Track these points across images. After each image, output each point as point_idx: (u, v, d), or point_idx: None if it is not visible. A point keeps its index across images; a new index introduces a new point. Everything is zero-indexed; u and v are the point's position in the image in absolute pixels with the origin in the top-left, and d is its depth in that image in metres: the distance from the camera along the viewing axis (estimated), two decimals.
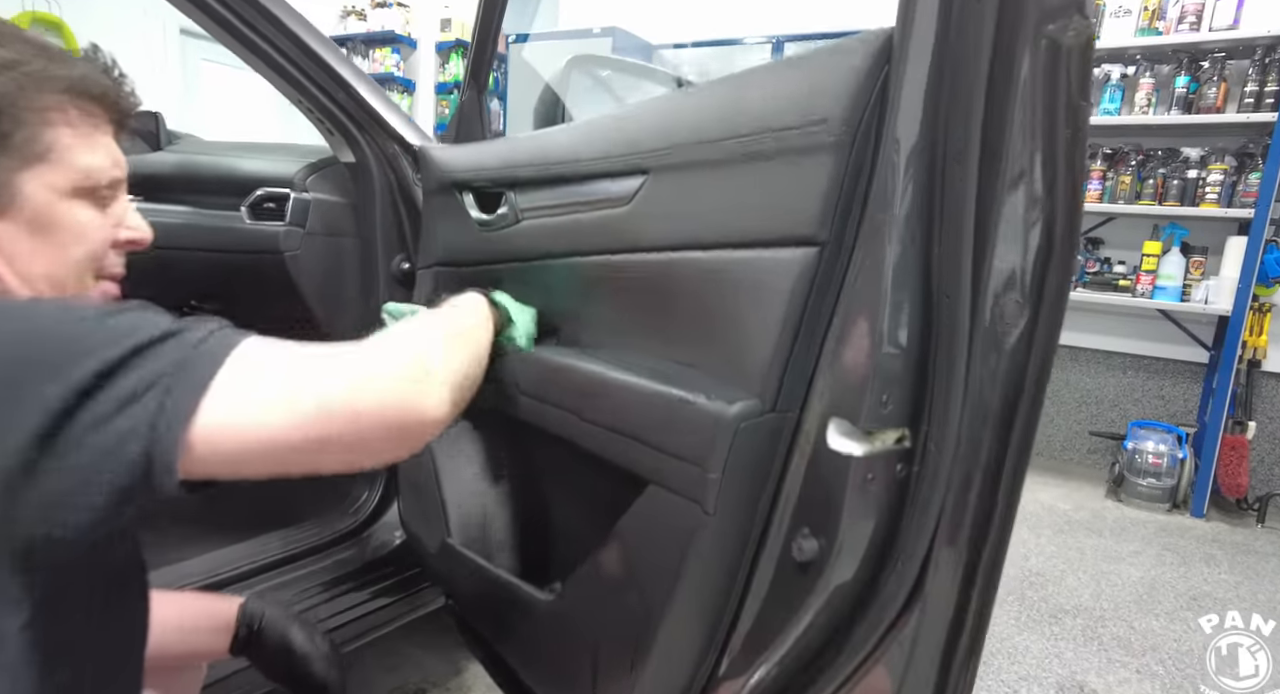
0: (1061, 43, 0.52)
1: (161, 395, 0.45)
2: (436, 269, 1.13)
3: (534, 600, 0.88)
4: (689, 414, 0.65)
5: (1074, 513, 3.18)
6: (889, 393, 0.59)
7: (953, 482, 0.56)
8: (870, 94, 0.58)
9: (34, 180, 0.57)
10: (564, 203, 0.88)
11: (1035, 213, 0.55)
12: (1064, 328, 2.46)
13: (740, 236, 0.68)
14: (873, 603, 0.61)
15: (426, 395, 0.54)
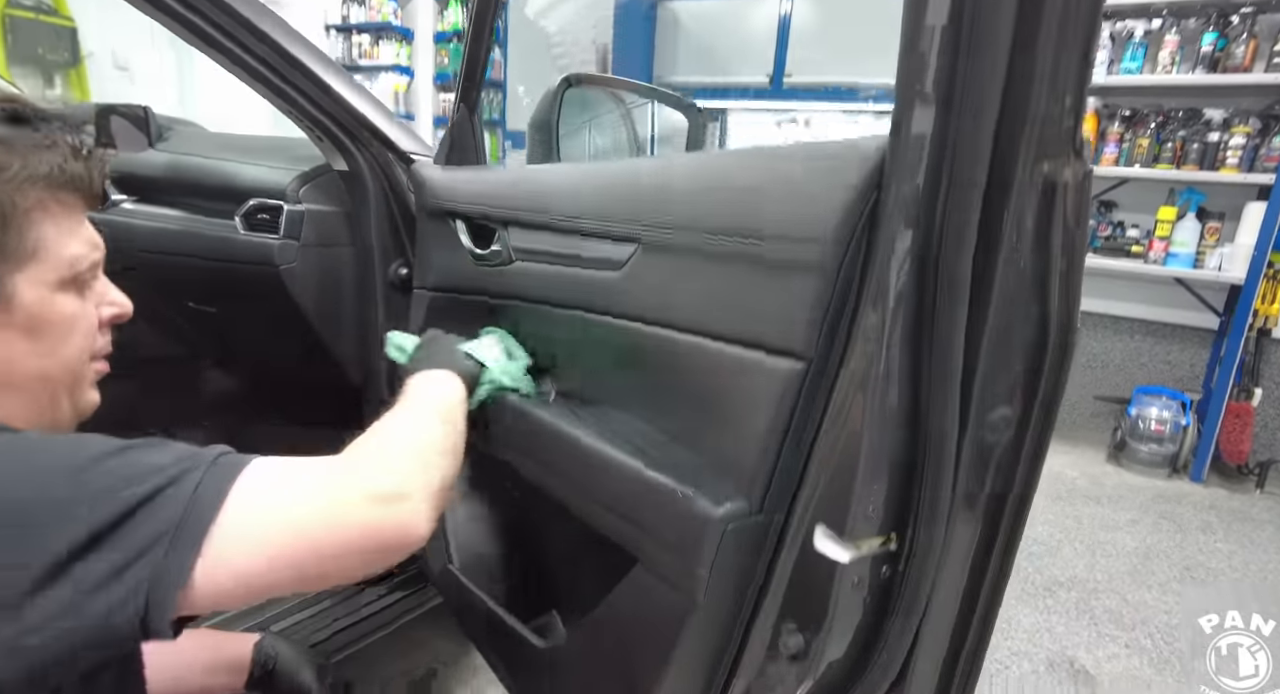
0: (1058, 180, 0.51)
1: (158, 561, 0.46)
2: (432, 295, 1.12)
3: (531, 646, 0.91)
4: (679, 508, 0.65)
5: (1074, 479, 3.22)
6: (875, 502, 0.59)
7: (938, 581, 0.57)
8: (860, 216, 0.57)
9: (25, 280, 0.58)
10: (559, 253, 0.86)
11: (1027, 339, 0.54)
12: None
13: (731, 333, 0.67)
14: (857, 688, 0.63)
15: (405, 518, 0.57)
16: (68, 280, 0.61)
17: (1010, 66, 0.47)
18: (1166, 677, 1.90)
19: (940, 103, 0.49)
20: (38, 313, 0.59)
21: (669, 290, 0.73)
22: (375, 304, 1.37)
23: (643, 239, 0.75)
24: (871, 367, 0.56)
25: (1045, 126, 0.49)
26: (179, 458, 0.51)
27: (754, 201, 0.64)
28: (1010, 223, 0.51)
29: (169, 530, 0.47)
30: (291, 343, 1.46)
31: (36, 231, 0.58)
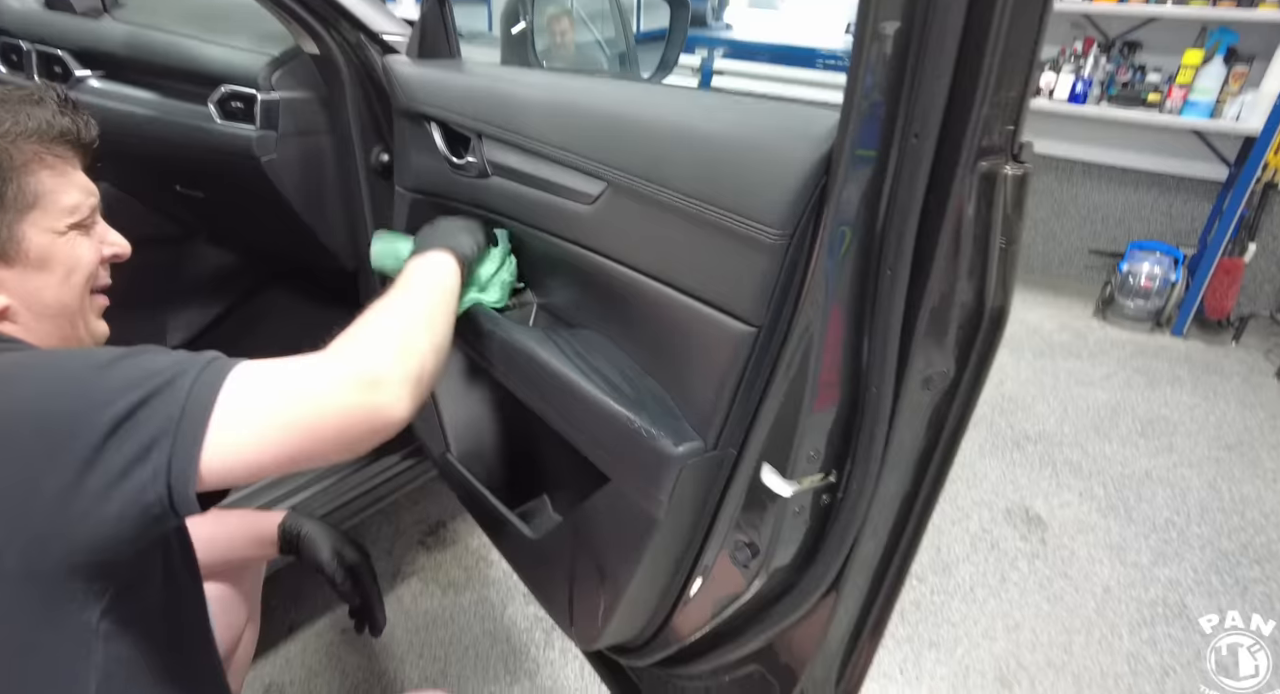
0: (997, 174, 0.52)
1: (168, 450, 0.53)
2: (414, 197, 1.11)
3: (522, 535, 1.01)
4: (643, 444, 0.72)
5: (1057, 334, 3.31)
6: (816, 448, 0.66)
7: (870, 509, 0.65)
8: (808, 202, 0.58)
9: (31, 226, 0.65)
10: (533, 176, 0.86)
11: (964, 311, 0.57)
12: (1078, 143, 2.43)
13: (690, 287, 0.70)
14: (797, 590, 0.73)
15: (382, 401, 0.61)
16: (71, 226, 0.68)
17: (956, 70, 0.48)
18: (1110, 522, 2.10)
19: (887, 103, 0.52)
20: (46, 253, 0.66)
21: (636, 235, 0.74)
22: (360, 192, 1.36)
23: (611, 180, 0.75)
24: (816, 337, 0.61)
25: (987, 130, 0.50)
26: (176, 361, 0.56)
27: (715, 166, 0.65)
28: (951, 213, 0.53)
29: (175, 420, 0.53)
30: (281, 230, 1.47)
31: (35, 182, 0.64)
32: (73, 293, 0.69)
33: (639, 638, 0.92)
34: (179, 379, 0.55)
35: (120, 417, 0.52)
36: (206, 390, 0.55)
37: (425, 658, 1.60)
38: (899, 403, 0.60)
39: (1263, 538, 2.05)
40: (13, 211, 0.63)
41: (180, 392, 0.54)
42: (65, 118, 0.67)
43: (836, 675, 0.81)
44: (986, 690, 1.56)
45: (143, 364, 0.56)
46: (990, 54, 0.47)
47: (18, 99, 0.65)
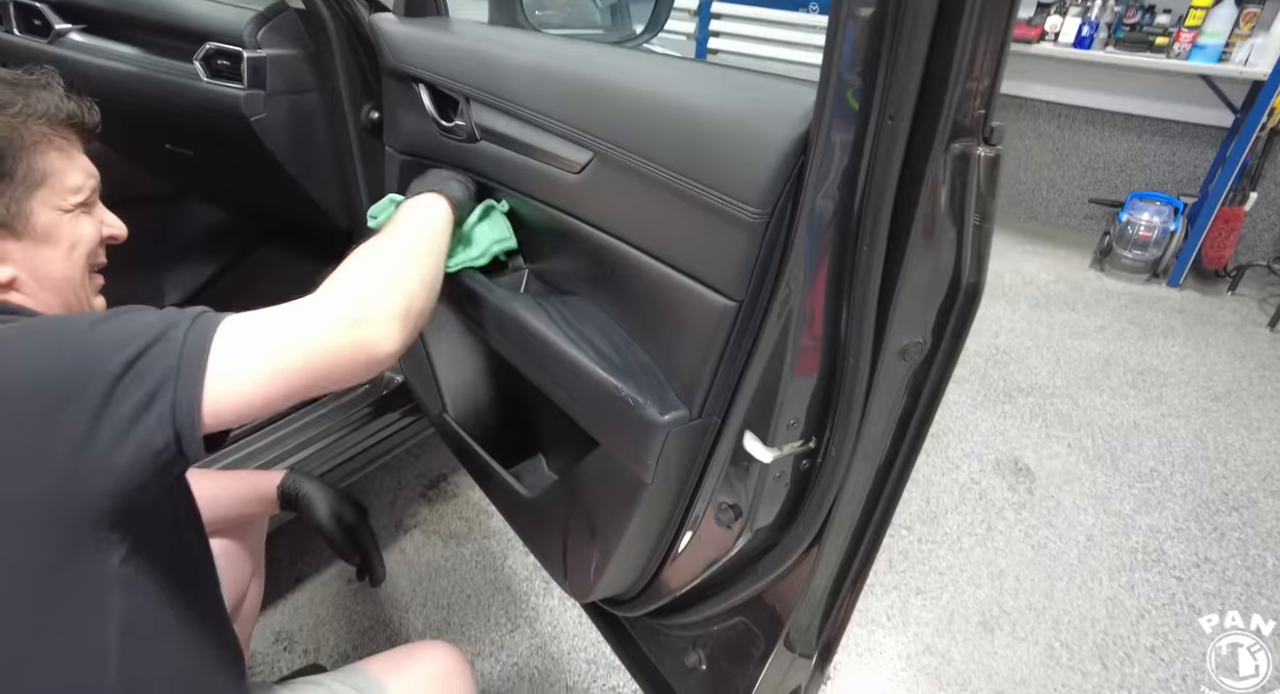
0: (970, 154, 0.53)
1: (171, 394, 0.55)
2: (404, 159, 1.10)
3: (517, 493, 1.04)
4: (631, 412, 0.74)
5: (1053, 285, 3.31)
6: (796, 416, 0.68)
7: (849, 474, 0.68)
8: (786, 180, 0.59)
9: (39, 203, 0.69)
10: (521, 141, 0.85)
11: (941, 284, 0.59)
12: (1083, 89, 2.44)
13: (674, 260, 0.71)
14: (779, 547, 0.76)
15: (370, 337, 0.63)
16: (75, 205, 0.71)
17: (930, 55, 0.49)
18: (1097, 472, 2.14)
19: (863, 85, 0.53)
20: (52, 230, 0.70)
21: (623, 206, 0.75)
22: (351, 150, 1.35)
23: (598, 150, 0.75)
24: (796, 312, 0.63)
25: (960, 113, 0.51)
26: (164, 316, 0.59)
27: (698, 141, 0.65)
28: (926, 192, 0.54)
29: (174, 367, 0.56)
30: (274, 188, 1.46)
31: (44, 161, 0.68)
32: (75, 267, 0.72)
33: (630, 591, 0.96)
34: (172, 330, 0.57)
35: (122, 368, 0.54)
36: (200, 338, 0.58)
37: (429, 606, 1.66)
38: (876, 373, 0.62)
39: (1243, 485, 2.10)
40: (22, 188, 0.67)
41: (175, 341, 0.57)
42: (71, 102, 0.71)
43: (819, 626, 0.85)
44: (970, 634, 1.62)
45: (134, 319, 0.58)
46: (963, 40, 0.48)
47: (27, 83, 0.69)
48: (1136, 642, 1.62)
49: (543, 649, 1.56)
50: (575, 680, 1.50)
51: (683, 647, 0.97)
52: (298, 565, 1.71)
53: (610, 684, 1.49)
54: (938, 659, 1.57)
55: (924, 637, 1.62)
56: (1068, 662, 1.57)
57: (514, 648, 1.57)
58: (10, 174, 0.66)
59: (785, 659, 0.86)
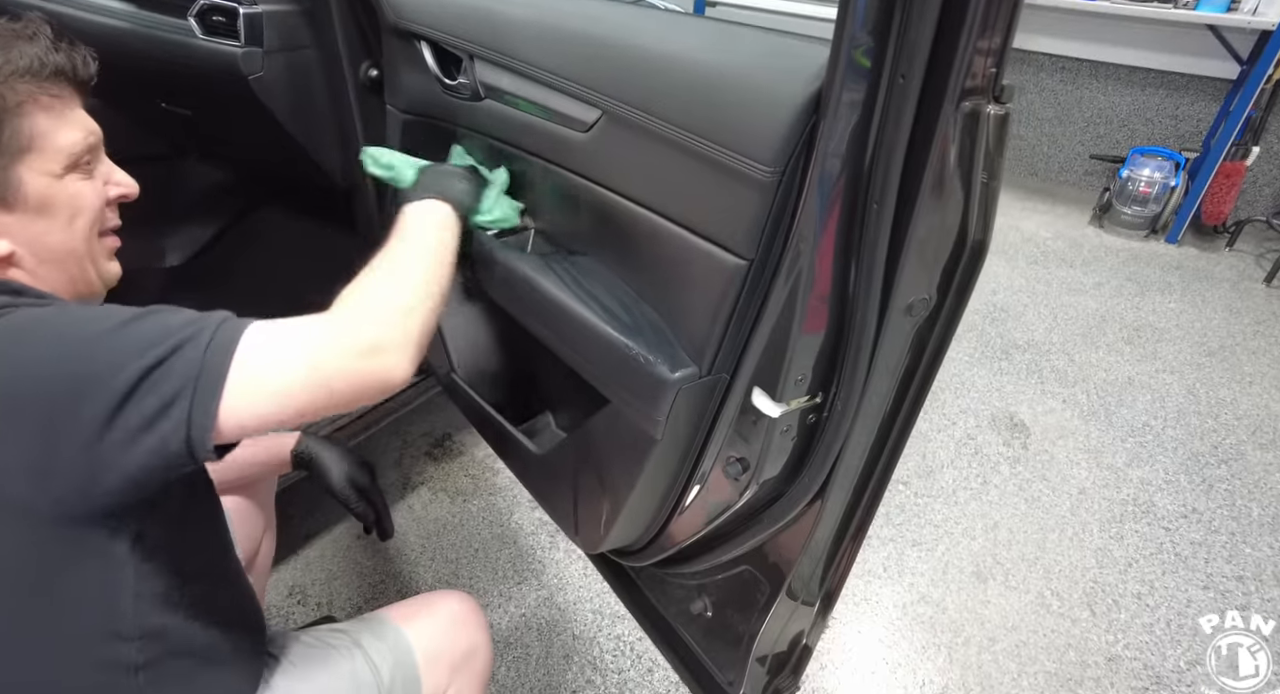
0: (980, 113, 0.54)
1: (187, 405, 0.55)
2: (405, 117, 1.09)
3: (527, 449, 1.06)
4: (641, 370, 0.75)
5: (1052, 242, 3.31)
6: (803, 372, 0.70)
7: (854, 427, 0.70)
8: (799, 139, 0.59)
9: (28, 170, 0.63)
10: (527, 99, 0.84)
11: (947, 241, 0.60)
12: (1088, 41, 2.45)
13: (684, 219, 0.71)
14: (785, 498, 0.79)
15: (384, 366, 0.64)
16: (69, 166, 0.66)
17: (942, 13, 0.49)
18: (1090, 427, 2.18)
19: (876, 45, 0.53)
20: (45, 197, 0.64)
21: (632, 165, 0.75)
22: (350, 109, 1.33)
23: (607, 109, 0.75)
24: (806, 270, 0.64)
25: (971, 72, 0.51)
26: (189, 320, 0.58)
27: (710, 100, 0.65)
28: (935, 150, 0.55)
29: (194, 376, 0.55)
30: (273, 147, 1.44)
31: (29, 123, 0.62)
32: (77, 237, 0.68)
33: (638, 542, 0.99)
34: (196, 337, 0.57)
35: (141, 373, 0.54)
36: (222, 350, 0.57)
37: (438, 560, 1.70)
38: (882, 329, 0.64)
39: (1232, 439, 2.14)
40: (6, 155, 0.62)
41: (198, 349, 0.56)
42: (60, 54, 0.64)
43: (821, 574, 0.88)
44: (963, 583, 1.67)
45: (157, 324, 0.58)
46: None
47: (9, 35, 0.62)
48: (1124, 589, 1.68)
49: (550, 600, 1.61)
50: (582, 630, 1.55)
51: (688, 595, 1.00)
52: (308, 522, 1.75)
53: (615, 633, 1.54)
54: (933, 608, 1.62)
55: (919, 587, 1.67)
56: (1058, 609, 1.62)
57: (521, 599, 1.61)
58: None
59: (789, 606, 0.89)
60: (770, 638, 0.92)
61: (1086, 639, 1.56)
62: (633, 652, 1.50)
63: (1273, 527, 1.85)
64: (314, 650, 0.86)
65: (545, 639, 1.53)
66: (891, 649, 1.53)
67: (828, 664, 1.50)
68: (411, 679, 0.88)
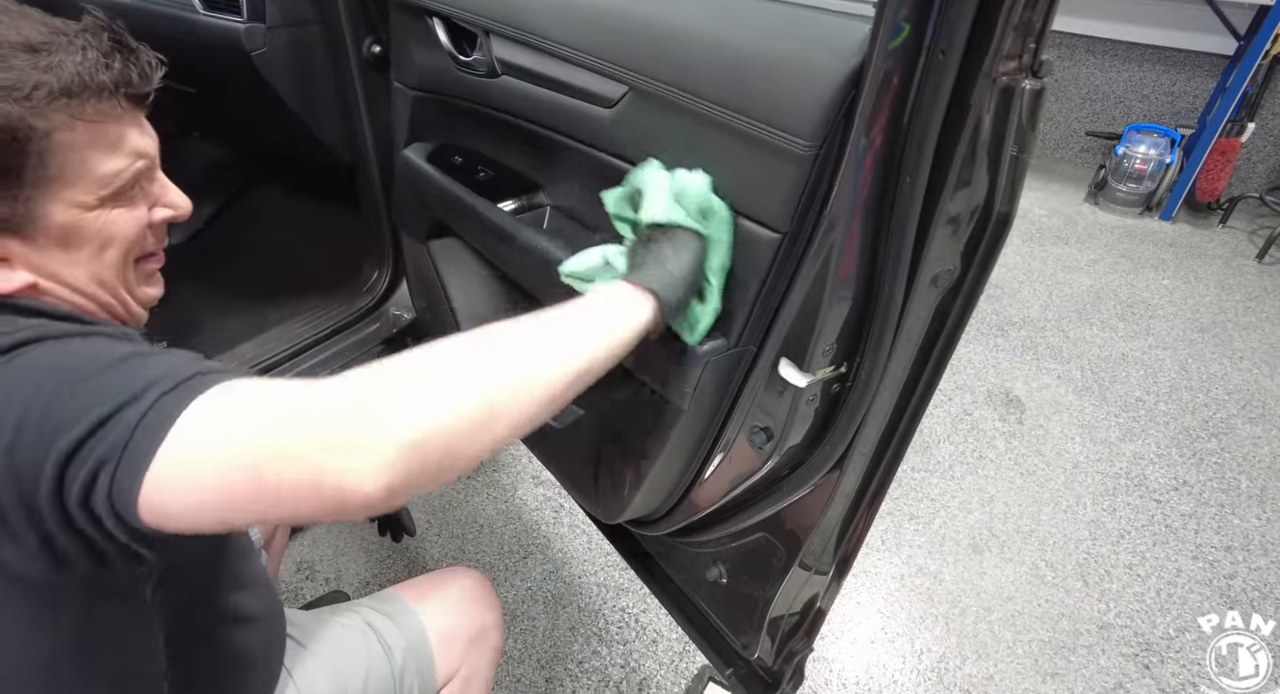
0: (1015, 87, 0.54)
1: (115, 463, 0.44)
2: (415, 95, 1.09)
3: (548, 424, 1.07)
4: (670, 343, 0.76)
5: (1047, 219, 3.33)
6: (830, 343, 0.71)
7: (876, 396, 0.71)
8: (837, 113, 0.59)
9: (54, 202, 0.55)
10: (546, 76, 0.84)
11: (974, 213, 0.61)
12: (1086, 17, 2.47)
13: (716, 195, 0.71)
14: (805, 467, 0.81)
15: (354, 473, 0.43)
16: (107, 197, 0.57)
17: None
18: (1084, 402, 2.21)
19: (917, 21, 0.53)
20: (72, 229, 0.56)
21: (659, 141, 0.75)
22: (354, 85, 1.33)
23: (633, 85, 0.75)
24: (837, 243, 0.65)
25: (1010, 46, 0.52)
26: (155, 378, 0.46)
27: (746, 76, 0.65)
28: (970, 124, 0.56)
29: (119, 448, 0.44)
30: (276, 125, 1.43)
31: (62, 155, 0.53)
32: (107, 268, 0.59)
33: (657, 511, 1.00)
34: (145, 394, 0.45)
35: (90, 428, 0.44)
36: (162, 416, 0.44)
37: (444, 536, 1.73)
38: (909, 301, 0.65)
39: (1223, 413, 2.18)
40: (30, 187, 0.53)
41: (141, 407, 0.45)
42: (111, 71, 0.54)
43: (837, 540, 0.90)
44: (960, 556, 1.71)
45: (125, 375, 0.47)
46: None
47: (51, 42, 0.52)
48: (1116, 560, 1.72)
49: (555, 574, 1.64)
50: (587, 602, 1.58)
51: (703, 562, 1.02)
52: None
53: (621, 606, 1.57)
54: (930, 579, 1.66)
55: (916, 559, 1.70)
56: (1051, 579, 1.66)
57: (527, 573, 1.64)
58: (14, 171, 0.52)
59: (804, 572, 0.92)
60: (785, 603, 0.94)
61: (1079, 608, 1.60)
62: (637, 624, 1.54)
63: (1260, 498, 1.89)
64: (326, 631, 0.87)
65: (551, 612, 1.56)
66: (890, 619, 1.57)
67: (827, 634, 1.54)
68: (425, 659, 0.90)
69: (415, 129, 1.14)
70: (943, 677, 1.46)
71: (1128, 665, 1.49)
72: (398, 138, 1.19)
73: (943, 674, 1.46)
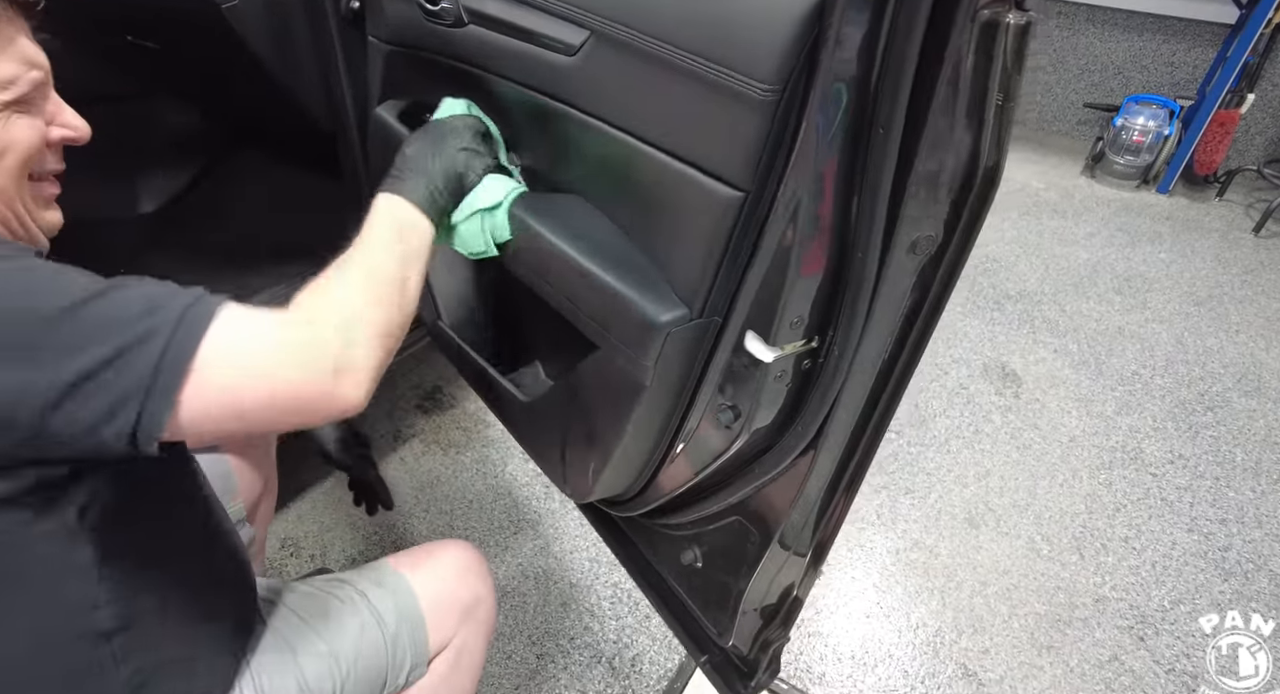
0: (999, 22, 0.49)
1: (136, 409, 0.50)
2: (389, 49, 1.03)
3: (514, 398, 1.03)
4: (629, 312, 0.71)
5: (1044, 192, 3.29)
6: (800, 314, 0.66)
7: (851, 372, 0.67)
8: (800, 53, 0.54)
9: None
10: (511, 23, 0.78)
11: (955, 172, 0.56)
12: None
13: (676, 149, 0.66)
14: (777, 448, 0.77)
15: (345, 391, 0.58)
16: (5, 103, 0.58)
17: None
18: (1081, 376, 2.19)
19: None
20: None
21: (620, 90, 0.70)
22: (332, 42, 1.26)
23: (594, 28, 0.70)
24: (805, 201, 0.59)
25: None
26: (149, 308, 0.52)
27: (701, 13, 0.60)
28: (948, 65, 0.51)
29: (146, 381, 0.50)
30: (249, 86, 1.37)
31: None
32: (3, 176, 0.60)
33: (628, 492, 0.97)
34: (153, 337, 0.51)
35: (82, 374, 0.49)
36: (182, 350, 0.51)
37: (432, 512, 1.69)
38: (884, 268, 0.60)
39: (1218, 387, 2.17)
40: None
41: (154, 350, 0.51)
42: None
43: (813, 525, 0.87)
44: (956, 529, 1.69)
45: (109, 310, 0.51)
46: None
47: None
48: (1112, 533, 1.70)
49: (546, 549, 1.61)
50: (578, 578, 1.55)
51: (678, 545, 0.99)
52: (300, 475, 1.72)
53: (613, 581, 1.55)
54: (925, 554, 1.64)
55: (912, 533, 1.69)
56: (1048, 553, 1.65)
57: (518, 549, 1.61)
58: None
59: (779, 557, 0.88)
60: (760, 589, 0.91)
61: (1075, 582, 1.59)
62: (630, 599, 1.51)
63: (1255, 471, 1.88)
64: (317, 601, 0.85)
65: (542, 588, 1.53)
66: (885, 594, 1.55)
67: (823, 609, 1.52)
68: (418, 627, 0.87)
69: (388, 86, 1.08)
70: (938, 651, 1.45)
71: (1123, 638, 1.48)
72: (373, 96, 1.14)
73: (938, 648, 1.45)
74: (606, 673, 1.39)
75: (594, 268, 0.74)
